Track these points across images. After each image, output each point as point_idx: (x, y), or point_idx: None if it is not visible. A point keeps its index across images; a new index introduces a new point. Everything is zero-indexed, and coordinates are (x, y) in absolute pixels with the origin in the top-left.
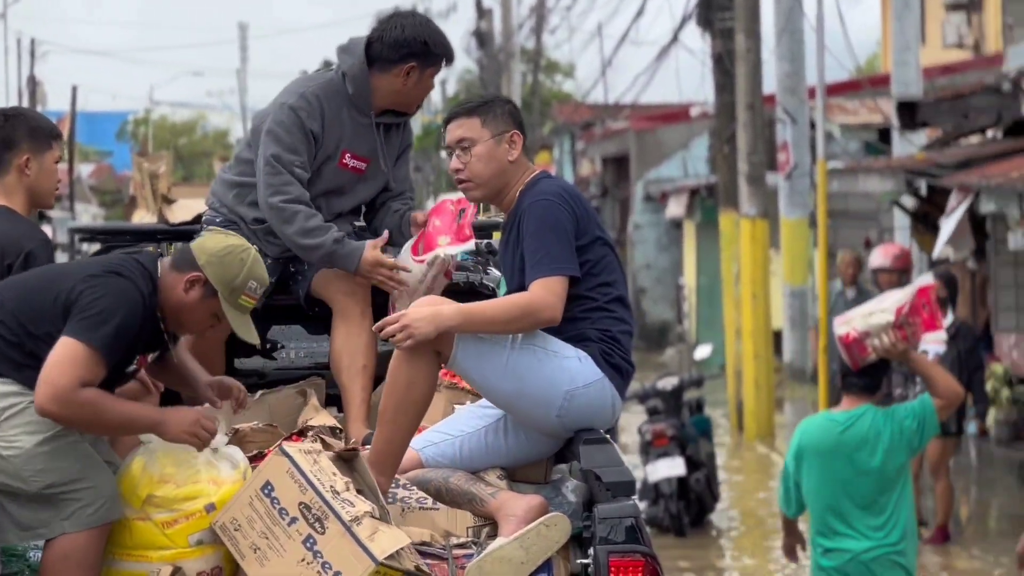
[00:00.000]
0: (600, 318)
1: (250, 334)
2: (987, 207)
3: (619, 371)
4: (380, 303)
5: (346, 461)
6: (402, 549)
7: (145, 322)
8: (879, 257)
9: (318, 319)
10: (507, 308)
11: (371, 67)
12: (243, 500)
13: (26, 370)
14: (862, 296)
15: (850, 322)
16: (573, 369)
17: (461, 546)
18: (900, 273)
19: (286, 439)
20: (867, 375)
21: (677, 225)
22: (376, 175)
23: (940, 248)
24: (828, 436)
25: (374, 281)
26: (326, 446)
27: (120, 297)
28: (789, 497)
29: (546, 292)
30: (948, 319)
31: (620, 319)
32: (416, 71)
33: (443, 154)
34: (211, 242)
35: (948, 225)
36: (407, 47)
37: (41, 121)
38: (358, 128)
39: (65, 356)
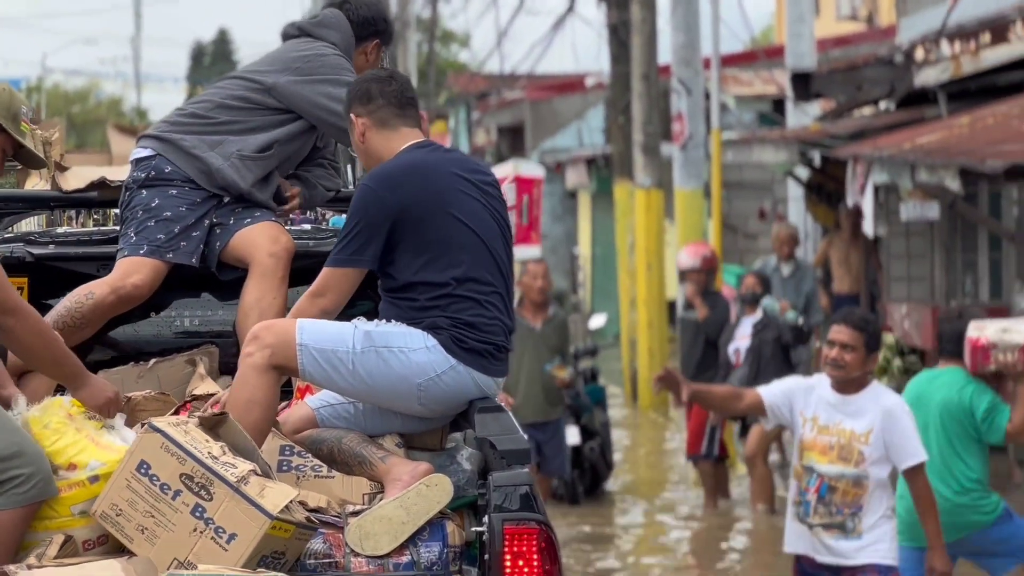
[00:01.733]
0: (449, 304)
1: (38, 160)
2: (879, 178)
3: (479, 353)
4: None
5: (214, 427)
6: (292, 502)
7: None
8: (687, 258)
9: (217, 287)
10: (301, 306)
11: None
12: (119, 484)
13: None
14: (800, 272)
15: (983, 329)
16: (421, 361)
17: (356, 514)
18: (707, 273)
19: (178, 409)
20: (956, 342)
21: (572, 195)
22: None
23: (871, 225)
24: (918, 387)
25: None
26: (210, 421)
27: None
28: None
29: (324, 283)
30: (759, 315)
31: (475, 301)
32: (377, 48)
33: None
34: None
35: (867, 203)
36: (374, 25)
37: None
38: None
39: None
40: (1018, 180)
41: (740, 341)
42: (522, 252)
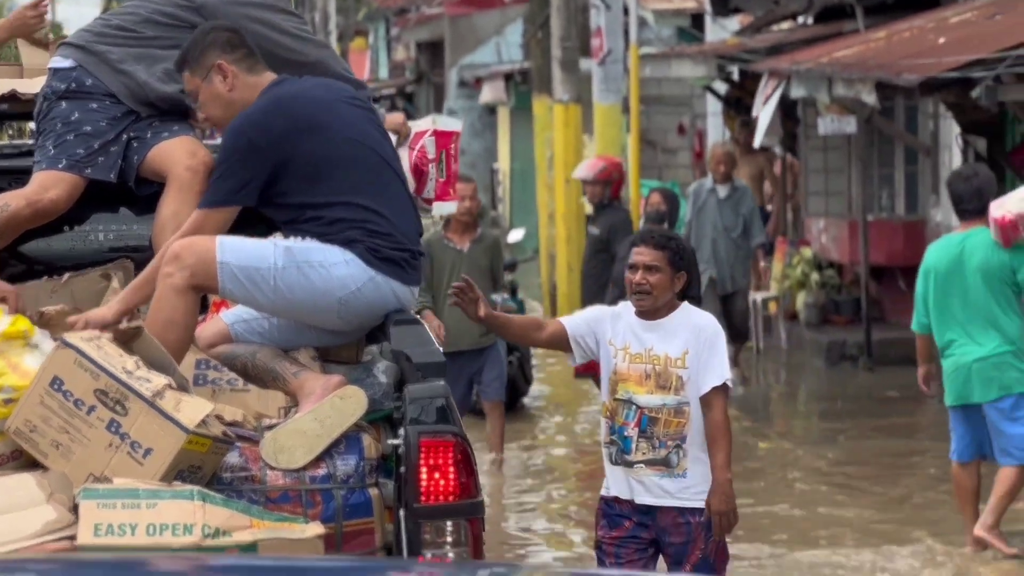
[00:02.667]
0: (356, 217)
1: None
2: (797, 92)
3: (395, 263)
4: None
5: (129, 341)
6: (207, 416)
7: None
8: (583, 170)
9: (133, 202)
10: (150, 273)
11: None
12: (33, 400)
13: None
14: (738, 193)
15: (1004, 205)
16: (342, 275)
17: (271, 427)
18: (604, 185)
19: None
20: (977, 199)
21: (491, 111)
22: None
23: (761, 137)
24: (946, 253)
25: None
26: (124, 335)
27: None
28: (919, 315)
29: (190, 228)
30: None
31: (381, 215)
32: None
33: None
34: None
35: (765, 113)
36: None
37: None
38: None
39: None
40: (933, 94)
41: None
42: (439, 209)
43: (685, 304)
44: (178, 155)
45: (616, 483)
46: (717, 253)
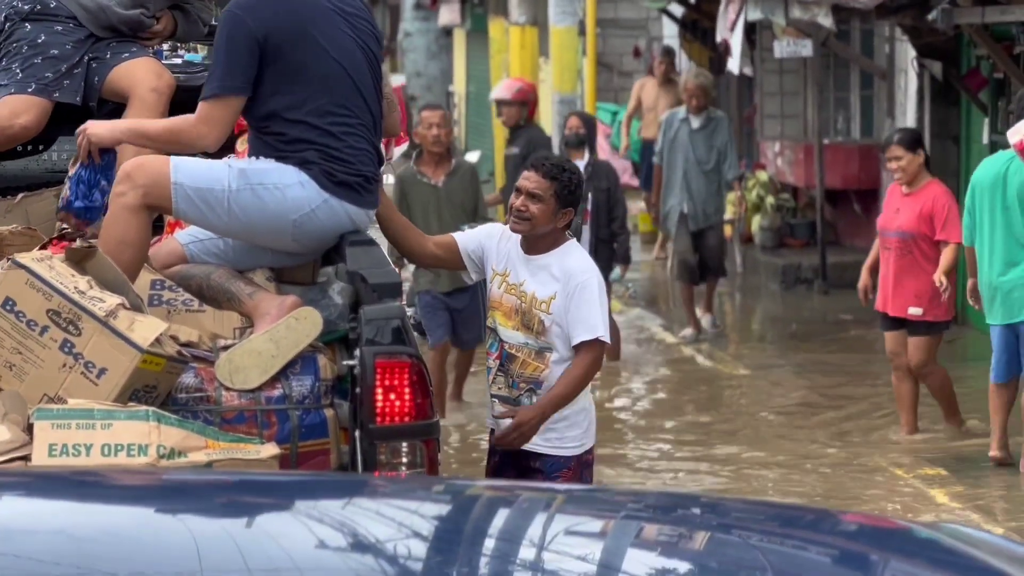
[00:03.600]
0: (316, 136)
1: None
2: (754, 15)
3: (347, 186)
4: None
5: (82, 260)
6: (161, 335)
7: None
8: (499, 91)
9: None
10: (163, 132)
11: None
12: None
13: None
14: (713, 124)
15: (1020, 131)
16: (297, 197)
17: (227, 348)
18: (520, 105)
19: (46, 244)
20: None
21: (447, 33)
22: None
23: (738, 63)
24: (992, 169)
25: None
26: (77, 255)
27: None
28: (967, 229)
29: (199, 120)
30: (586, 158)
31: (341, 133)
32: None
33: None
34: None
35: (736, 39)
36: None
37: None
38: None
39: None
40: (889, 17)
41: None
42: (394, 154)
43: (571, 243)
44: (142, 75)
45: (489, 411)
46: (689, 186)
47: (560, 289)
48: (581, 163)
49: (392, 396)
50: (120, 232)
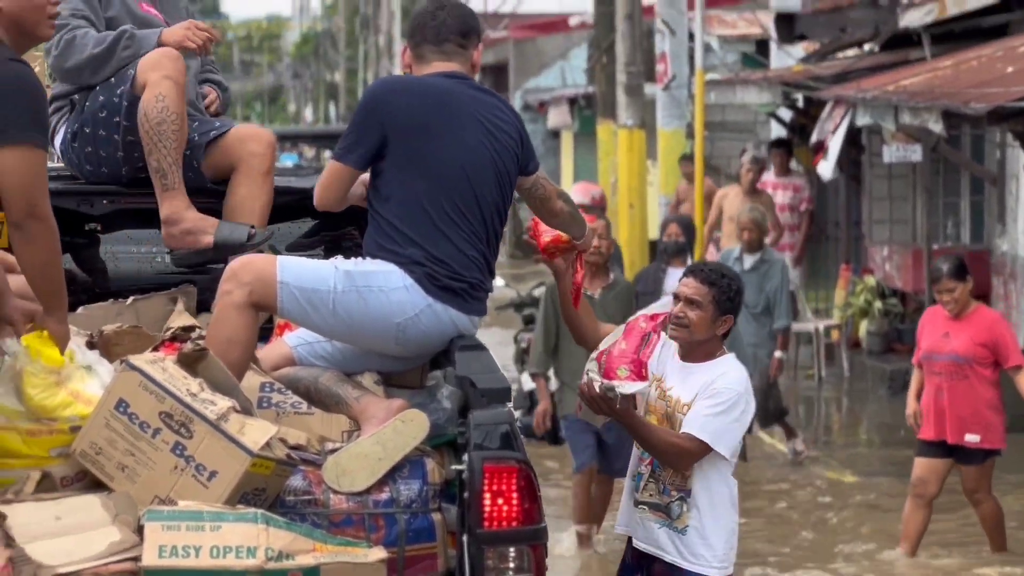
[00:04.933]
0: (426, 236)
1: None
2: (863, 120)
3: (452, 291)
4: None
5: (193, 363)
6: (271, 439)
7: None
8: (578, 195)
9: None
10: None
11: None
12: (98, 423)
13: None
14: (765, 265)
15: None
16: (401, 301)
17: (335, 451)
18: (601, 211)
19: (156, 346)
20: None
21: (555, 135)
22: None
23: (830, 168)
24: None
25: (192, 41)
26: (188, 358)
27: (35, 84)
28: None
29: (323, 176)
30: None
31: (451, 236)
32: None
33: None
34: None
35: (835, 144)
36: None
37: None
38: None
39: (30, 163)
40: (1001, 123)
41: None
42: None
43: (728, 358)
44: (242, 139)
45: (624, 517)
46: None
47: (701, 392)
48: (680, 272)
49: (500, 501)
50: (228, 331)
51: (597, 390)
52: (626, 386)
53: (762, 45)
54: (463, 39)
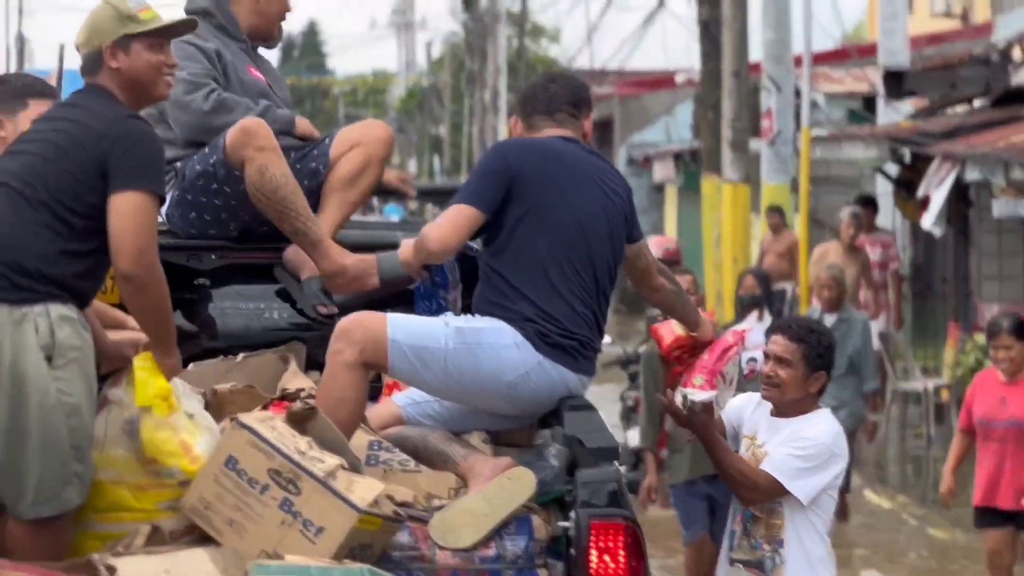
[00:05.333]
0: (537, 291)
1: (180, 25)
2: (972, 175)
3: (562, 349)
4: None
5: (302, 421)
6: (378, 496)
7: None
8: (652, 249)
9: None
10: (416, 240)
11: None
12: (208, 478)
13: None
14: (846, 325)
15: None
16: (512, 359)
17: (441, 508)
18: (672, 264)
19: (267, 404)
20: None
21: (659, 189)
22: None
23: (933, 220)
24: None
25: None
26: (298, 416)
27: (153, 137)
28: None
29: (437, 221)
30: (764, 320)
31: (563, 293)
32: None
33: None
34: (77, 34)
35: (938, 197)
36: None
37: (15, 80)
38: (238, 52)
39: (141, 209)
40: None
41: (753, 350)
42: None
43: (822, 412)
44: (365, 128)
45: None
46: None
47: (786, 440)
48: (759, 325)
49: (607, 558)
50: (338, 389)
51: (677, 401)
52: (698, 394)
53: (869, 101)
54: (575, 109)
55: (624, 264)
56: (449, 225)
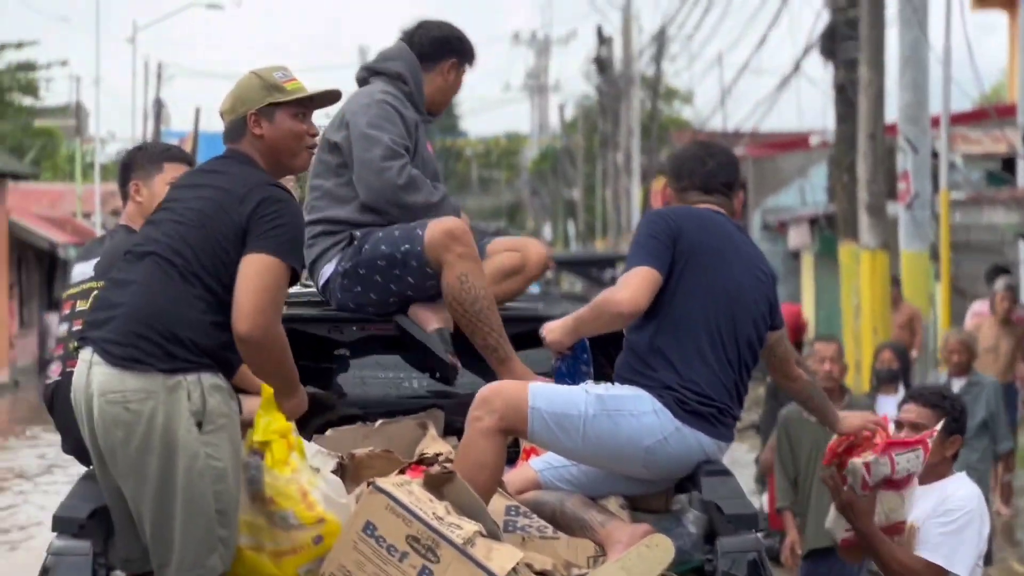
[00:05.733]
0: (678, 356)
1: (325, 96)
2: None
3: (700, 415)
4: None
5: (440, 485)
6: (518, 564)
7: None
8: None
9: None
10: (591, 311)
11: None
12: (347, 544)
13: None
14: (976, 389)
15: None
16: (651, 425)
17: None
18: (795, 331)
19: (404, 469)
20: None
21: (795, 255)
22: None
23: None
24: None
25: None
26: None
27: (294, 207)
28: None
29: (617, 286)
30: (899, 394)
31: (704, 361)
32: (455, 68)
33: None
34: (224, 104)
35: None
36: (448, 44)
37: (152, 147)
38: (420, 125)
39: (268, 273)
40: None
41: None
42: None
43: (959, 476)
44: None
45: None
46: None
47: (932, 512)
48: (894, 399)
49: None
50: (476, 455)
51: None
52: (880, 462)
53: (1008, 163)
54: (728, 189)
55: (763, 350)
56: (635, 287)
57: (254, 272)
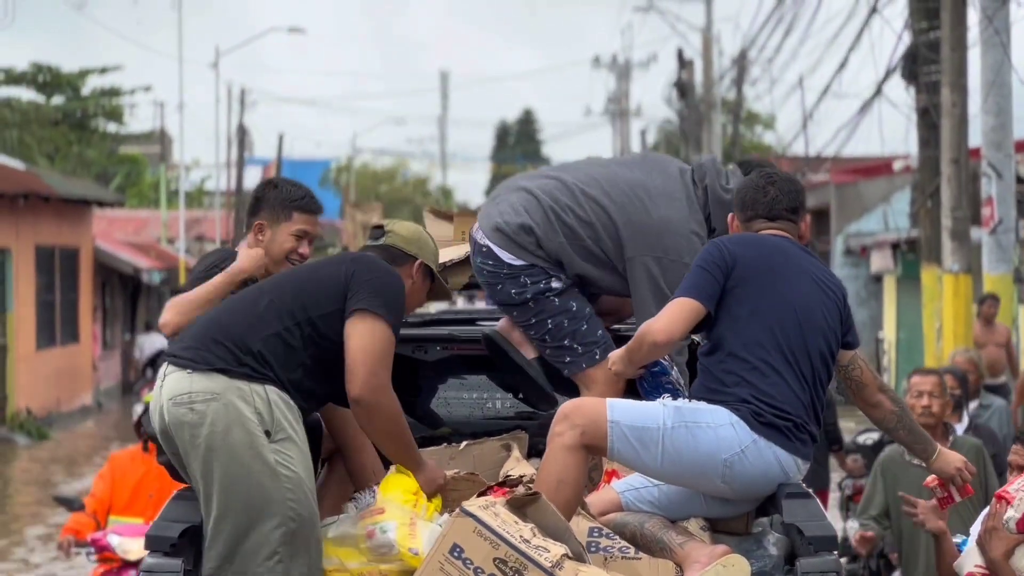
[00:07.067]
0: (752, 373)
1: (446, 293)
2: None
3: (776, 428)
4: None
5: (524, 507)
6: None
7: None
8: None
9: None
10: (635, 338)
11: None
12: (433, 567)
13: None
14: (984, 412)
15: None
16: (728, 437)
17: None
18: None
19: (487, 490)
20: None
21: (877, 279)
22: None
23: None
24: None
25: None
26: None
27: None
28: None
29: (657, 316)
30: (964, 422)
31: (777, 376)
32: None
33: None
34: (404, 230)
35: None
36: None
37: (285, 189)
38: None
39: (376, 335)
40: None
41: None
42: None
43: None
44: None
45: None
46: None
47: None
48: (959, 427)
49: None
50: (558, 471)
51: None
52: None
53: None
54: (793, 214)
55: (838, 371)
56: (670, 317)
57: (363, 333)
